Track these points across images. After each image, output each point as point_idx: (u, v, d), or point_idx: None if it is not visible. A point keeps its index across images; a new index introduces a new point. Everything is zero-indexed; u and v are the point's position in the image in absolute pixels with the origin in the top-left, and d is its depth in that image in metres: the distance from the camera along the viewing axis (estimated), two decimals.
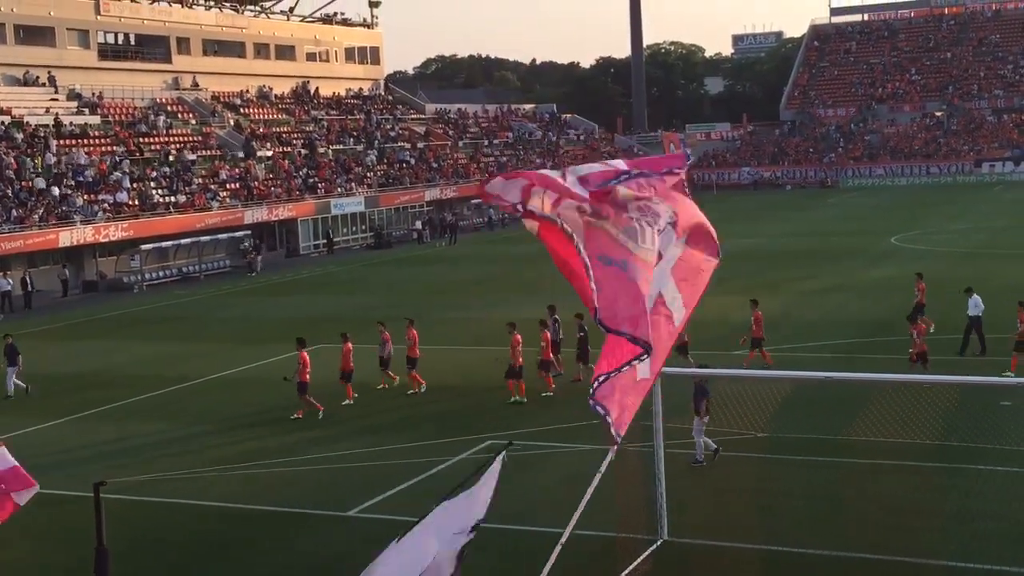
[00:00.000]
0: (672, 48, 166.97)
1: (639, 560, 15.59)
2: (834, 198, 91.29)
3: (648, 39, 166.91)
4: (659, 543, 16.24)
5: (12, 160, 57.07)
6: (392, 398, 27.22)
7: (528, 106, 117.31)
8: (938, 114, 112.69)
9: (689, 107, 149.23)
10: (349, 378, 27.02)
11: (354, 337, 27.96)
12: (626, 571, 15.22)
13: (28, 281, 49.82)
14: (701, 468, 19.86)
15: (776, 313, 34.69)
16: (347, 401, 26.74)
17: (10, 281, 48.92)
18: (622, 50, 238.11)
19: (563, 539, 12.64)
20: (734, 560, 15.60)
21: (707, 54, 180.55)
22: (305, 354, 25.71)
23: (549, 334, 26.88)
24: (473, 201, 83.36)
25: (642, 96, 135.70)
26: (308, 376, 25.54)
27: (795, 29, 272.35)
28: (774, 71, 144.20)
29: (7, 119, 61.65)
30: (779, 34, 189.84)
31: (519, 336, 26.16)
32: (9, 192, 54.44)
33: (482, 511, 7.06)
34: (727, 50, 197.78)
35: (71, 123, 64.53)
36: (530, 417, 24.34)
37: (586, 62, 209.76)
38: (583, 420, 23.09)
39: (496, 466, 7.02)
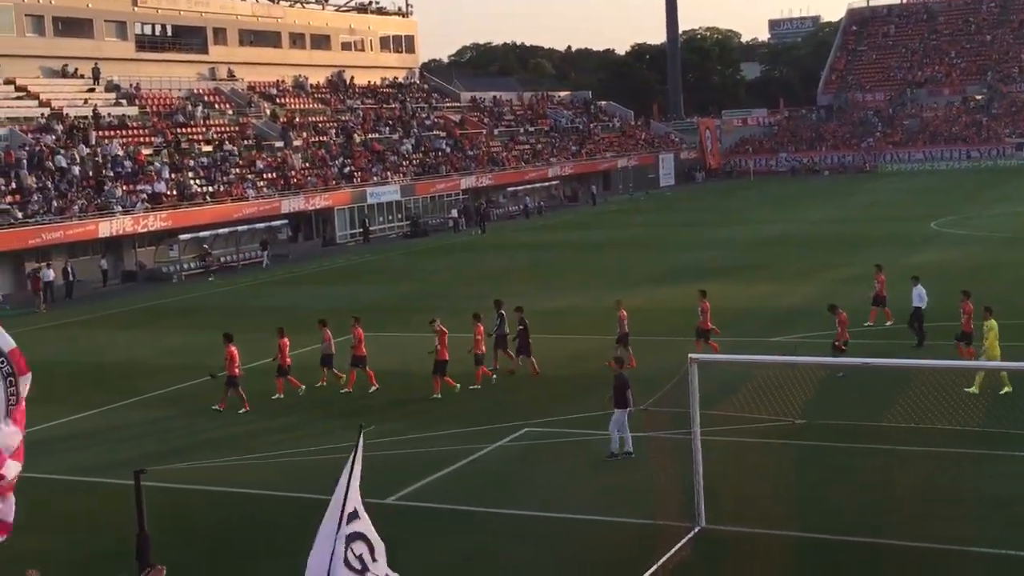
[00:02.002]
0: (708, 34, 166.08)
1: (677, 547, 15.58)
2: (872, 183, 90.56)
3: (684, 25, 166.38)
4: (696, 530, 16.22)
5: (52, 151, 57.59)
6: (420, 389, 27.29)
7: (563, 93, 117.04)
8: (978, 97, 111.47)
9: (725, 93, 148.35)
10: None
11: (388, 326, 28.07)
12: (664, 558, 15.21)
13: (69, 271, 50.35)
14: (739, 455, 19.74)
15: (813, 300, 34.52)
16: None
17: (52, 271, 49.45)
18: (658, 36, 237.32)
19: None
20: (771, 547, 15.55)
21: (743, 39, 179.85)
22: (233, 348, 25.93)
23: (482, 327, 27.26)
24: (509, 188, 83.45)
25: (678, 82, 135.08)
26: (238, 370, 25.85)
27: (833, 13, 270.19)
28: (811, 56, 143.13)
29: (47, 111, 62.24)
30: (816, 18, 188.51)
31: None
32: (49, 183, 54.97)
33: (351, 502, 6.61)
34: (764, 35, 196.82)
35: (109, 114, 65.06)
36: (566, 404, 24.34)
37: (621, 49, 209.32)
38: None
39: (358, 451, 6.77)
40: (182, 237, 55.95)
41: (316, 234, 67.94)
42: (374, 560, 6.76)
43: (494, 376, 27.23)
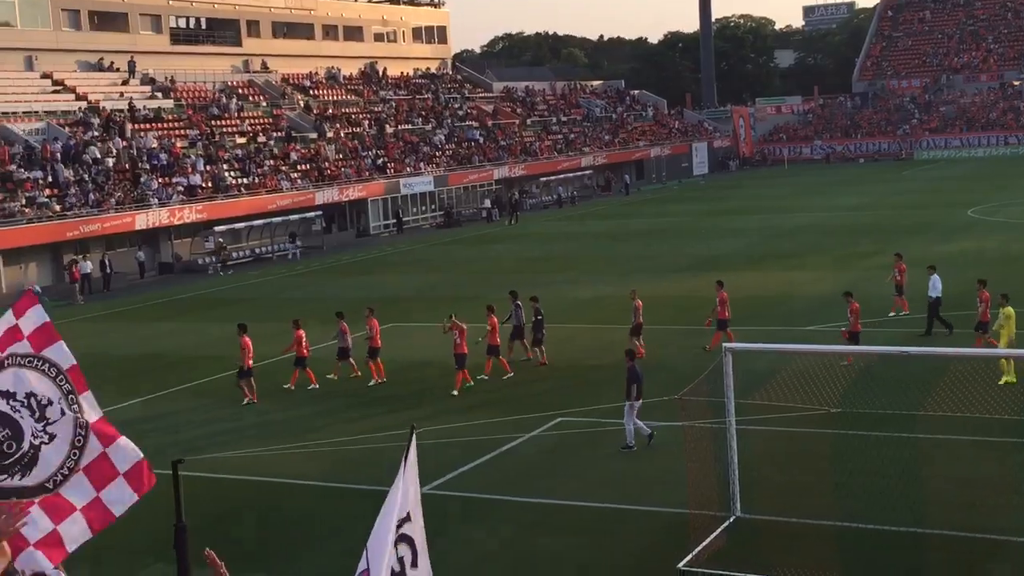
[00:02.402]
0: (742, 21, 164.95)
1: (712, 536, 15.56)
2: (908, 170, 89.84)
3: (717, 13, 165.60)
4: (732, 519, 16.19)
5: (89, 145, 58.08)
6: (453, 378, 27.34)
7: (596, 83, 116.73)
8: (1016, 83, 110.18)
9: (759, 81, 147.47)
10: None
11: (420, 315, 28.16)
12: (699, 547, 15.20)
13: (107, 263, 50.84)
14: (774, 444, 19.70)
15: (848, 288, 34.28)
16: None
17: (89, 263, 49.94)
18: (691, 24, 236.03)
19: None
20: (808, 537, 15.51)
21: (777, 26, 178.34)
22: (247, 339, 26.05)
23: (496, 319, 27.09)
24: (542, 178, 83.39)
25: (711, 71, 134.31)
26: (251, 362, 25.94)
27: None
28: (846, 42, 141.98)
29: (83, 105, 62.75)
30: (851, 4, 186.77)
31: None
32: (86, 176, 55.45)
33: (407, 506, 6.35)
34: (798, 22, 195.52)
35: (145, 107, 65.52)
36: (600, 394, 24.32)
37: (654, 37, 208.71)
38: (655, 396, 23.09)
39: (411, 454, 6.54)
40: (217, 229, 56.29)
41: (350, 225, 68.17)
42: (414, 566, 6.71)
43: (510, 373, 27.04)
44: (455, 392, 25.32)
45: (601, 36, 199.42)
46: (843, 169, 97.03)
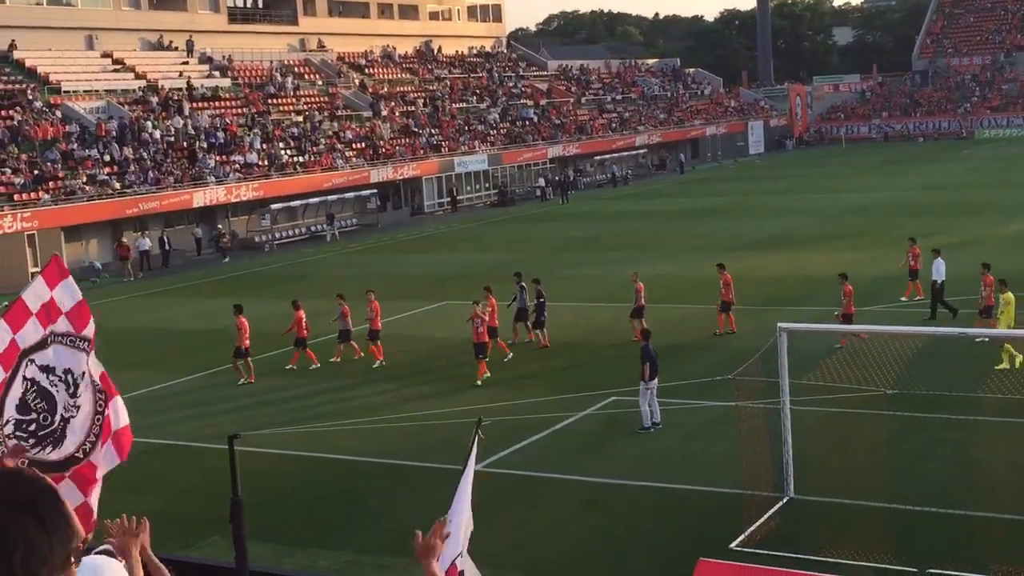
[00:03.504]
0: None
1: (765, 517, 15.53)
2: (969, 149, 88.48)
3: None
4: (785, 500, 16.14)
5: (148, 123, 58.75)
6: (515, 356, 27.43)
7: (651, 61, 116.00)
8: None
9: (816, 59, 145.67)
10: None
11: (473, 293, 28.19)
12: (752, 527, 15.18)
13: (165, 240, 51.50)
14: (829, 425, 19.59)
15: (903, 269, 33.91)
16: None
17: (148, 240, 50.61)
18: (747, 2, 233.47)
19: None
20: (861, 518, 15.42)
21: (836, 3, 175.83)
22: (243, 319, 26.38)
23: (495, 300, 27.10)
24: (596, 157, 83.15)
25: (768, 48, 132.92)
26: (247, 342, 26.18)
27: None
28: (906, 19, 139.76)
29: (142, 84, 63.44)
30: None
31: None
32: (145, 155, 56.11)
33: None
34: None
35: (203, 86, 66.10)
36: None
37: (710, 15, 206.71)
38: (705, 376, 23.05)
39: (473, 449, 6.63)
40: (273, 207, 56.74)
41: (404, 203, 68.43)
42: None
43: (510, 354, 27.09)
44: (479, 383, 24.67)
45: (656, 14, 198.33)
46: (901, 148, 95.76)
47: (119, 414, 7.25)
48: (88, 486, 7.05)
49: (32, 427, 7.00)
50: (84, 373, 7.09)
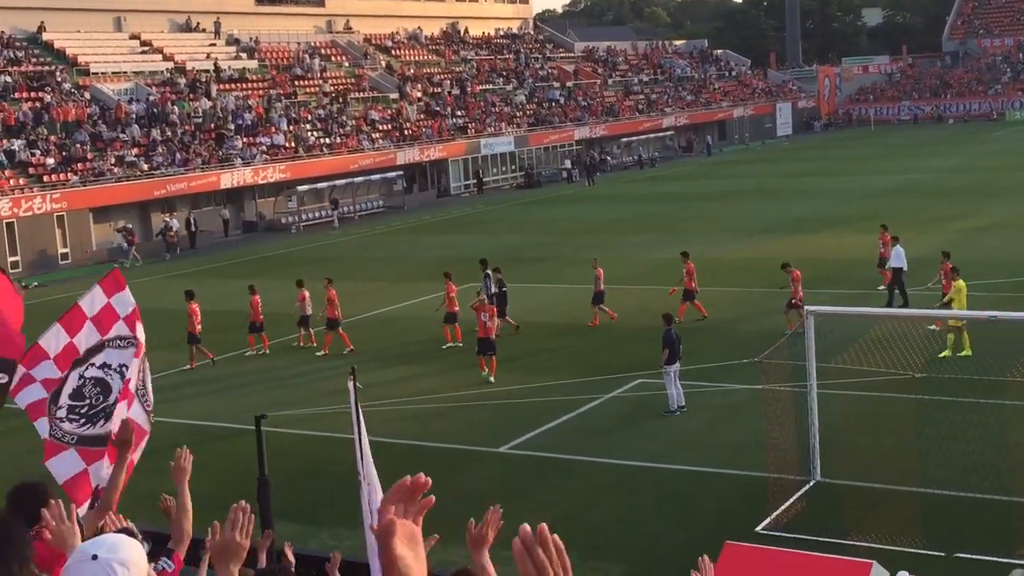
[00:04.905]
0: None
1: (792, 500, 15.48)
2: (1000, 131, 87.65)
3: None
4: (812, 483, 16.09)
5: (175, 104, 58.95)
6: (534, 340, 27.40)
7: (678, 42, 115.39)
8: None
9: (845, 40, 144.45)
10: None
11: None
12: (779, 510, 15.14)
13: (192, 222, 51.69)
14: (856, 408, 19.48)
15: (934, 251, 33.63)
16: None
17: (176, 221, 50.80)
18: None
19: None
20: (889, 502, 15.35)
21: None
22: (195, 305, 26.58)
23: (454, 287, 27.26)
24: (623, 139, 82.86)
25: (796, 29, 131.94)
26: (199, 328, 26.37)
27: None
28: (936, 0, 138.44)
29: (170, 65, 63.62)
30: None
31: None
32: (172, 136, 56.30)
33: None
34: None
35: (230, 67, 66.23)
36: None
37: None
38: (730, 359, 22.98)
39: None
40: (300, 188, 56.86)
41: (431, 185, 68.44)
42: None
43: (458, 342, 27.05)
44: (491, 379, 23.67)
45: None
46: (932, 130, 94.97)
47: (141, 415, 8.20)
48: (104, 461, 7.82)
49: (84, 409, 7.89)
50: (136, 369, 8.13)
